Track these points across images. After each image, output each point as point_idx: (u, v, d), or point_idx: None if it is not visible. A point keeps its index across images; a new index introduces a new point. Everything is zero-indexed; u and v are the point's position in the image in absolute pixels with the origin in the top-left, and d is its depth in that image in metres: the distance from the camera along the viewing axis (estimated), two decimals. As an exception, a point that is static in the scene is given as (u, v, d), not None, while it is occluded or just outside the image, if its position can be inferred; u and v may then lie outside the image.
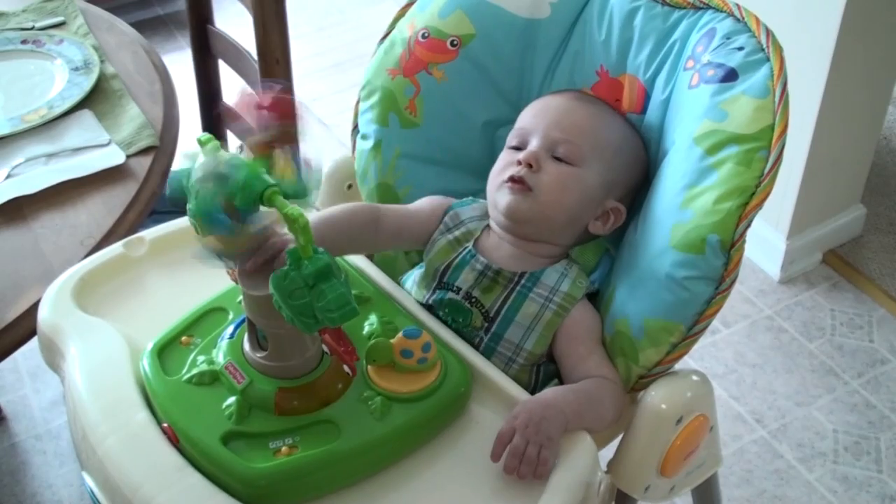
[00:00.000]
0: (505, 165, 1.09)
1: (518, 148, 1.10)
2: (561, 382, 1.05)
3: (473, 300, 1.06)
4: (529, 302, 1.05)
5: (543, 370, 1.07)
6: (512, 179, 1.07)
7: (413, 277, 1.14)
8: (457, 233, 1.12)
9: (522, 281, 1.07)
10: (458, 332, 1.05)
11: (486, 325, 1.06)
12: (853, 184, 2.14)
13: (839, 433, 1.81)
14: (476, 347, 1.05)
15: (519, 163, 1.07)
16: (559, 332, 1.05)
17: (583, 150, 1.08)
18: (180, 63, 2.09)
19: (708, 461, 1.12)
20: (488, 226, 1.12)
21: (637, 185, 1.13)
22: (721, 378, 1.92)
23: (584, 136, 1.08)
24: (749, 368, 1.94)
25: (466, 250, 1.10)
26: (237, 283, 0.97)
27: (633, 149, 1.12)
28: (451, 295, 1.07)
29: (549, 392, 0.97)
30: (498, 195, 1.09)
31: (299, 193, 0.87)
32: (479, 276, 1.07)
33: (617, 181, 1.10)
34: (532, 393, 1.05)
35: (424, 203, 1.16)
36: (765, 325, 2.03)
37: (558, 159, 1.08)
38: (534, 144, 1.08)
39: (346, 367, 0.94)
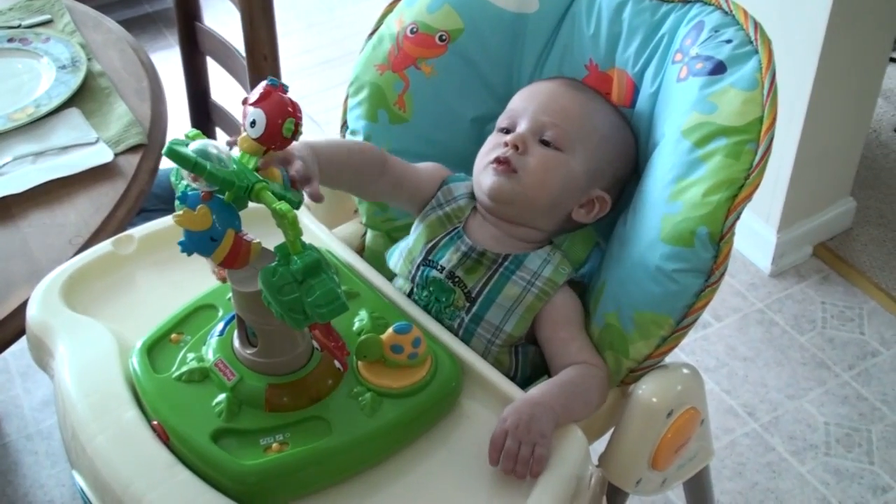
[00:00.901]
0: (492, 147, 1.10)
1: (507, 130, 1.11)
2: (549, 376, 1.05)
3: (457, 279, 1.07)
4: (511, 284, 1.06)
5: (522, 351, 1.07)
6: (497, 161, 1.07)
7: (399, 250, 1.14)
8: (447, 209, 1.12)
9: (506, 263, 1.07)
10: (441, 313, 1.06)
11: (467, 305, 1.06)
12: (843, 177, 2.14)
13: (830, 425, 1.81)
14: (457, 329, 1.06)
15: (506, 144, 1.07)
16: (540, 317, 1.06)
17: (570, 136, 1.08)
18: (169, 61, 2.08)
19: (699, 454, 1.13)
20: (475, 206, 1.12)
21: (625, 177, 1.14)
22: (712, 371, 1.92)
23: (572, 121, 1.08)
24: (740, 362, 1.94)
25: (455, 230, 1.10)
26: (224, 282, 0.97)
27: (621, 139, 1.12)
28: (434, 273, 1.08)
29: (535, 390, 0.97)
30: (482, 176, 1.09)
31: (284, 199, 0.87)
32: (463, 256, 1.08)
33: (603, 170, 1.10)
34: (514, 375, 1.05)
35: (427, 167, 1.16)
36: (756, 318, 2.03)
37: (545, 143, 1.08)
38: (521, 127, 1.09)
39: (336, 363, 0.94)
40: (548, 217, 1.10)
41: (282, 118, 0.88)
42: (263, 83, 0.91)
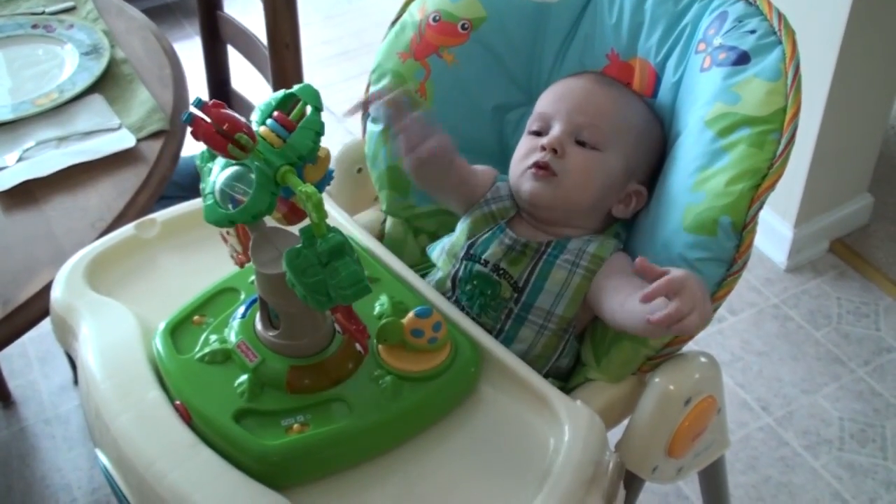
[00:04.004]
0: (528, 151, 1.09)
1: (539, 133, 1.10)
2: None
3: (501, 272, 1.07)
4: (557, 269, 1.05)
5: (570, 342, 1.07)
6: (537, 165, 1.07)
7: (442, 244, 1.14)
8: (493, 207, 1.12)
9: (549, 249, 1.07)
10: (486, 306, 1.06)
11: (515, 295, 1.06)
12: (861, 172, 2.14)
13: (845, 421, 1.81)
14: (505, 319, 1.06)
15: (543, 148, 1.07)
16: (592, 284, 1.04)
17: (606, 135, 1.07)
18: (188, 51, 2.09)
19: (715, 443, 1.13)
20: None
21: (657, 167, 1.13)
22: (727, 365, 1.92)
23: (607, 119, 1.08)
24: (755, 356, 1.94)
25: (498, 226, 1.10)
26: (242, 267, 0.98)
27: (653, 131, 1.12)
28: (478, 267, 1.08)
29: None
30: (521, 181, 1.08)
31: None
32: (507, 249, 1.07)
33: (639, 164, 1.10)
34: (554, 364, 1.05)
35: (481, 167, 1.15)
36: (771, 313, 2.03)
37: (581, 144, 1.07)
38: (556, 129, 1.08)
39: (358, 346, 0.95)
40: (590, 216, 1.09)
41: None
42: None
